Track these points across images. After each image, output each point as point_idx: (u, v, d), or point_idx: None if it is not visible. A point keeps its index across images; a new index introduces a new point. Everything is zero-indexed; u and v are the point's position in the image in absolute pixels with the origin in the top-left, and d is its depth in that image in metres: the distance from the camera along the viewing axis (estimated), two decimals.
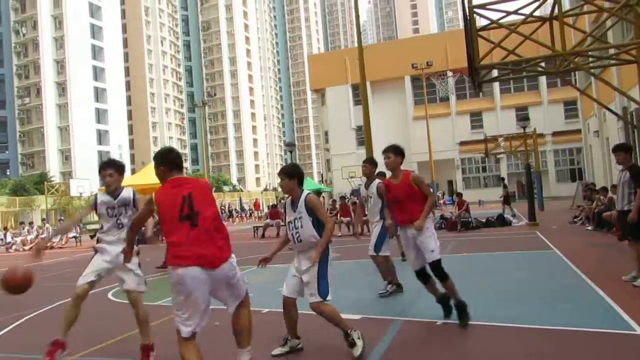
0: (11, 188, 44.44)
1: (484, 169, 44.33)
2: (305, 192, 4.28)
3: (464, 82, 43.39)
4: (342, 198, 20.08)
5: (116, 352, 4.88)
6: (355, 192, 35.78)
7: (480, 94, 40.73)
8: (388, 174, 5.68)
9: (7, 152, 64.50)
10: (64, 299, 8.00)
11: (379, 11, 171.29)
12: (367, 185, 6.85)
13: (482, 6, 7.93)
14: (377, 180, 6.72)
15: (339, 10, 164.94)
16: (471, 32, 7.86)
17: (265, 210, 48.18)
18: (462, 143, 43.30)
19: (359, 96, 41.11)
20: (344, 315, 5.56)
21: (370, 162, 6.94)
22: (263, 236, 19.13)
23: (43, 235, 21.79)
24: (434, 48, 41.78)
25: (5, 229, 24.88)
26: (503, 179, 26.50)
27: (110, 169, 4.53)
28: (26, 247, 21.35)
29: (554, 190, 40.18)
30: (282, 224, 18.09)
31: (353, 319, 5.43)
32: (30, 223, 24.55)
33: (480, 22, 8.52)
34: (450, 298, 5.05)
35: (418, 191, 5.04)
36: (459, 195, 17.02)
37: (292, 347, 4.49)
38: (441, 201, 37.25)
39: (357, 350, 4.08)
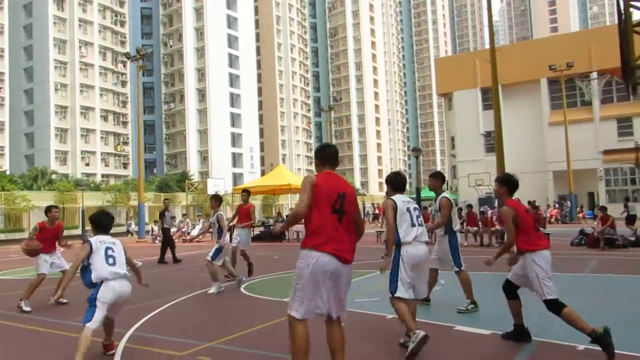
0: (157, 185, 49.08)
1: (633, 181, 39.80)
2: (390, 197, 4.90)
3: (611, 84, 39.42)
4: (469, 206, 19.20)
5: (247, 342, 5.10)
6: (481, 200, 34.29)
7: (632, 97, 36.70)
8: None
9: (154, 152, 71.55)
10: (201, 288, 8.61)
11: (512, 10, 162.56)
12: (435, 199, 6.74)
13: None
14: (442, 195, 6.53)
15: (469, 11, 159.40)
16: (626, 28, 7.07)
17: None
18: (606, 152, 39.23)
19: (489, 100, 39.39)
20: (470, 329, 5.30)
21: (434, 176, 6.80)
22: None
23: (183, 229, 23.77)
24: (576, 48, 38.48)
25: (155, 222, 27.52)
26: (627, 198, 23.54)
27: None
28: None
29: None
30: None
31: (482, 334, 5.14)
32: (173, 217, 26.74)
33: (637, 16, 7.62)
34: (524, 332, 4.84)
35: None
36: (604, 209, 15.39)
37: (405, 341, 4.66)
38: (580, 215, 34.35)
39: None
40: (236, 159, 71.62)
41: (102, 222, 4.98)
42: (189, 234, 23.61)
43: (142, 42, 67.33)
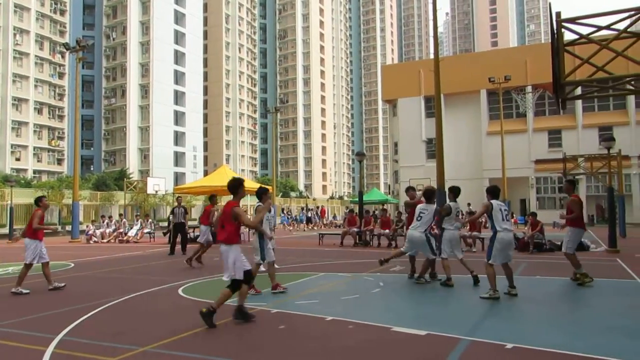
0: (94, 183, 47.23)
1: (560, 190, 42.17)
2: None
3: (544, 98, 41.65)
4: (384, 211, 20.19)
5: (183, 346, 5.03)
6: None
7: (561, 111, 38.93)
8: None
9: (92, 149, 68.83)
10: (136, 291, 8.39)
11: (457, 23, 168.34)
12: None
13: (572, 20, 7.57)
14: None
15: (415, 21, 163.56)
16: (558, 46, 7.53)
17: (334, 217, 48.38)
18: (537, 161, 41.44)
19: (432, 108, 40.56)
20: (407, 330, 5.48)
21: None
22: (342, 244, 18.70)
23: (121, 230, 22.99)
24: (513, 62, 40.42)
25: (93, 222, 26.42)
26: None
27: None
28: (104, 240, 22.53)
29: (638, 216, 37.59)
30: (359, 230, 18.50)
31: (418, 334, 5.32)
32: (110, 217, 25.80)
33: (568, 37, 8.14)
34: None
35: None
36: (534, 215, 16.25)
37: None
38: (512, 220, 35.99)
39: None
40: (179, 158, 70.11)
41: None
42: (126, 234, 22.78)
43: (83, 33, 64.63)
